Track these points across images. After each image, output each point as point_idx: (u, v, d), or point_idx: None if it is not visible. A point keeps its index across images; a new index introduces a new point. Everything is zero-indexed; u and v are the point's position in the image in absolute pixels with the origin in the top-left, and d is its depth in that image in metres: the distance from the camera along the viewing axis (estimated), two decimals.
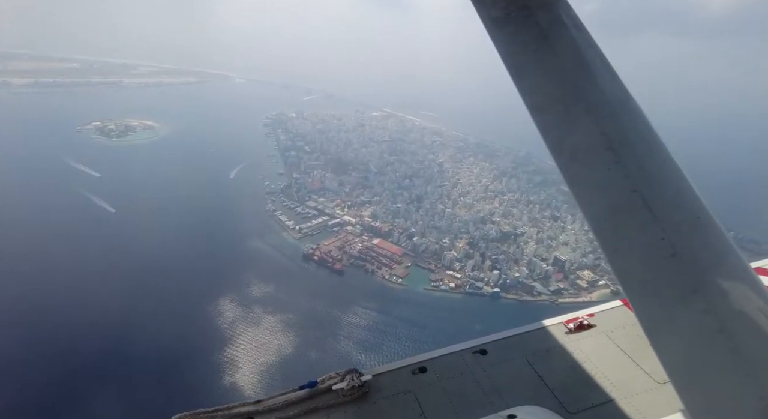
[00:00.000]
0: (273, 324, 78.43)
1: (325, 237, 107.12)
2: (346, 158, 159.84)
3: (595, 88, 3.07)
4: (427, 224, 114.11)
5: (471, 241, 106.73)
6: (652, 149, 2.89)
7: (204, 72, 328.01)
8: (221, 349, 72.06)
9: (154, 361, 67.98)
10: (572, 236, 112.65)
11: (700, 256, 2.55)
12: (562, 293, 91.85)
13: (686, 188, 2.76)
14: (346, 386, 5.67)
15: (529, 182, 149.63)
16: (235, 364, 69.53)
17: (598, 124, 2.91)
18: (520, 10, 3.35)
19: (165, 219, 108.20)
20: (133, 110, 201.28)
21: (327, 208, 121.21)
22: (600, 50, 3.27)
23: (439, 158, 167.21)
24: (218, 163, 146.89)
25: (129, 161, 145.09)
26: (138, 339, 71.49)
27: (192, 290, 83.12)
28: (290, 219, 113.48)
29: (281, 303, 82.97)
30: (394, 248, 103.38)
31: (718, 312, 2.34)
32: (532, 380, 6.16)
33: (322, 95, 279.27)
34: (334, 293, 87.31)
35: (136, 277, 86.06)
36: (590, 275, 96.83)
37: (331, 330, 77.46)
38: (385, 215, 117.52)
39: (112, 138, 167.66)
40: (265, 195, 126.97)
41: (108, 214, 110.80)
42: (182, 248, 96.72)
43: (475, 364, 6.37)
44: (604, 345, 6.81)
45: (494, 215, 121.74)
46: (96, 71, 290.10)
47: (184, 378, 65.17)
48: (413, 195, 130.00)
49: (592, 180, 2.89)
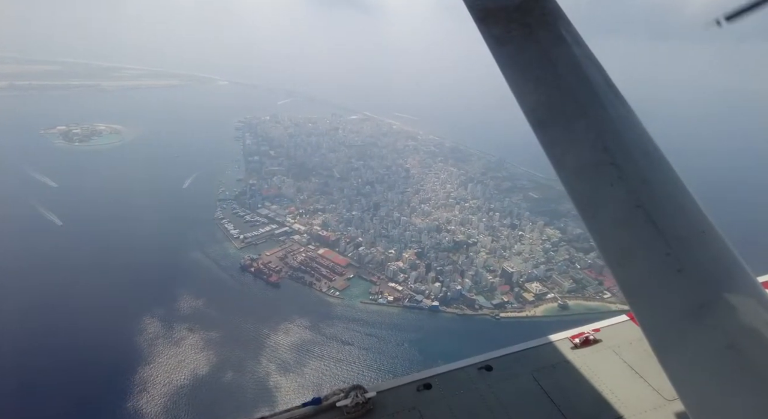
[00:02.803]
0: (193, 342, 74.55)
1: (269, 247, 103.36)
2: (311, 163, 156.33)
3: (597, 104, 3.09)
4: (378, 232, 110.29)
5: (420, 251, 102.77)
6: (655, 164, 2.90)
7: (189, 75, 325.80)
8: (130, 371, 68.25)
9: (52, 379, 64.38)
10: (528, 246, 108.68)
11: (706, 271, 2.55)
12: (506, 307, 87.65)
13: (690, 203, 2.77)
14: (350, 403, 5.56)
15: (496, 189, 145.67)
16: (142, 387, 65.72)
17: (601, 139, 2.94)
18: (522, 28, 3.39)
19: (109, 231, 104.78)
20: (105, 113, 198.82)
21: (278, 216, 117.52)
22: (601, 66, 3.28)
23: (407, 163, 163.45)
24: (177, 169, 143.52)
25: (85, 167, 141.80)
26: (42, 356, 67.91)
27: (114, 306, 79.46)
28: (236, 228, 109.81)
29: (206, 320, 79.15)
30: (338, 259, 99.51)
31: (727, 328, 2.33)
32: (538, 396, 6.06)
33: (302, 98, 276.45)
34: (264, 308, 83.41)
35: (59, 292, 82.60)
36: (539, 287, 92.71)
37: (252, 351, 73.38)
38: (336, 224, 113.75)
39: (74, 143, 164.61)
40: (217, 202, 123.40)
41: (54, 227, 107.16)
42: (116, 261, 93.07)
43: (481, 380, 6.28)
44: (610, 360, 6.74)
45: (451, 223, 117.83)
46: (77, 74, 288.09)
47: (79, 399, 61.64)
48: (371, 202, 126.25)
49: (595, 195, 2.91)
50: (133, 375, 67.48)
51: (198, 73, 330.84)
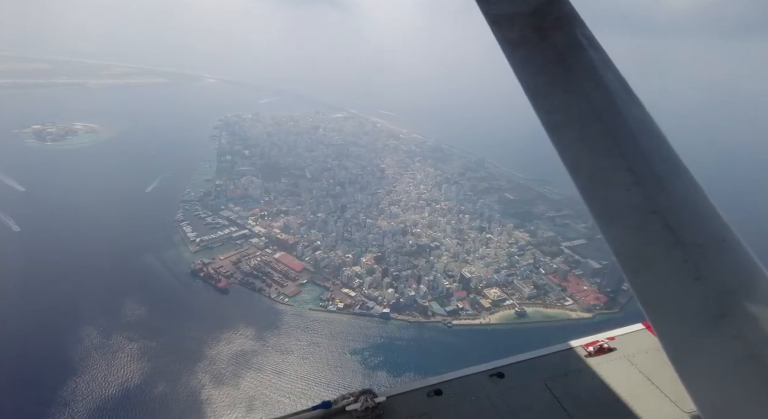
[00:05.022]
0: (130, 353, 71.85)
1: (225, 250, 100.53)
2: (284, 163, 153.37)
3: (612, 108, 3.05)
4: (341, 236, 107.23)
5: (380, 255, 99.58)
6: (673, 170, 2.85)
7: (177, 73, 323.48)
8: (55, 380, 65.75)
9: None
10: (494, 249, 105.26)
11: (725, 279, 2.51)
12: (460, 314, 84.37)
13: (709, 209, 2.71)
14: (360, 407, 5.55)
15: (471, 190, 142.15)
16: (63, 401, 63.18)
17: (617, 144, 2.89)
18: (536, 32, 3.33)
19: (65, 235, 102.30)
20: (86, 112, 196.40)
21: (240, 218, 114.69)
22: (617, 70, 3.22)
23: (383, 163, 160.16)
24: (146, 169, 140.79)
25: (52, 167, 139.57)
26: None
27: (50, 315, 76.84)
28: (195, 230, 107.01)
29: (145, 328, 76.43)
30: (294, 263, 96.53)
31: (747, 337, 2.29)
32: (551, 405, 5.93)
33: (290, 96, 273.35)
34: (208, 316, 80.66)
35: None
36: (497, 293, 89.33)
37: (187, 362, 70.49)
38: (298, 227, 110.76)
39: (47, 142, 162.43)
40: (180, 204, 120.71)
41: (10, 233, 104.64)
42: (64, 265, 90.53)
43: (492, 387, 6.19)
44: (625, 369, 6.58)
45: (417, 225, 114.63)
46: (65, 72, 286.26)
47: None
48: (339, 204, 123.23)
49: (611, 201, 2.86)
50: (57, 386, 64.94)
51: (187, 70, 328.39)
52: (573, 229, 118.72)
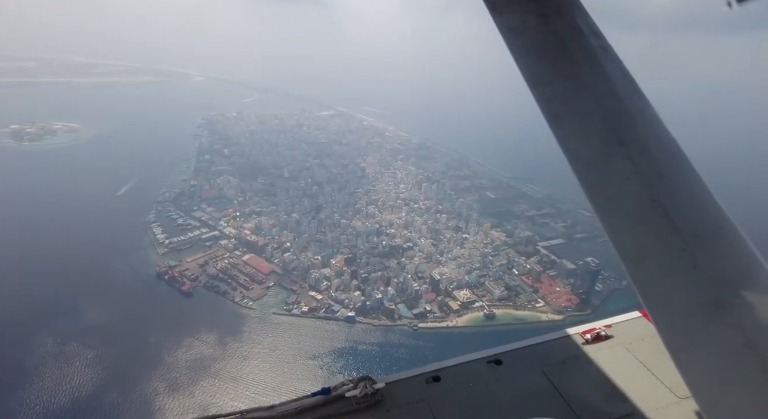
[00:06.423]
0: (84, 360, 70.18)
1: (193, 253, 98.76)
2: (264, 162, 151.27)
3: (613, 96, 3.04)
4: (313, 237, 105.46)
5: (350, 257, 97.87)
6: (672, 158, 2.87)
7: (166, 71, 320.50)
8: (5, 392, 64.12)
9: None
10: (468, 250, 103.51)
11: (723, 268, 2.54)
12: (427, 316, 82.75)
13: (707, 198, 2.74)
14: (359, 393, 5.59)
15: (452, 188, 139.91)
16: (9, 412, 61.59)
17: (617, 132, 2.90)
18: (537, 19, 3.31)
19: (29, 238, 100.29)
20: (68, 111, 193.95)
21: (212, 219, 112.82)
22: (618, 58, 3.22)
23: (365, 162, 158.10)
24: (122, 169, 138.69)
25: (26, 168, 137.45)
26: None
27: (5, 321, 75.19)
28: (165, 232, 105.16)
29: (103, 334, 74.68)
30: (262, 266, 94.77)
31: (744, 326, 2.32)
32: (548, 392, 5.98)
33: (278, 94, 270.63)
34: (169, 320, 78.97)
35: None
36: (467, 295, 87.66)
37: (143, 369, 68.87)
38: (270, 228, 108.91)
39: (24, 142, 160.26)
40: (154, 204, 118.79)
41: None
42: (25, 270, 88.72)
43: (490, 374, 6.24)
44: (622, 357, 6.63)
45: (392, 226, 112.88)
46: (51, 71, 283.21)
47: None
48: (315, 204, 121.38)
49: (610, 190, 2.88)
50: (3, 396, 63.34)
51: (175, 68, 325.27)
52: (551, 228, 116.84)
